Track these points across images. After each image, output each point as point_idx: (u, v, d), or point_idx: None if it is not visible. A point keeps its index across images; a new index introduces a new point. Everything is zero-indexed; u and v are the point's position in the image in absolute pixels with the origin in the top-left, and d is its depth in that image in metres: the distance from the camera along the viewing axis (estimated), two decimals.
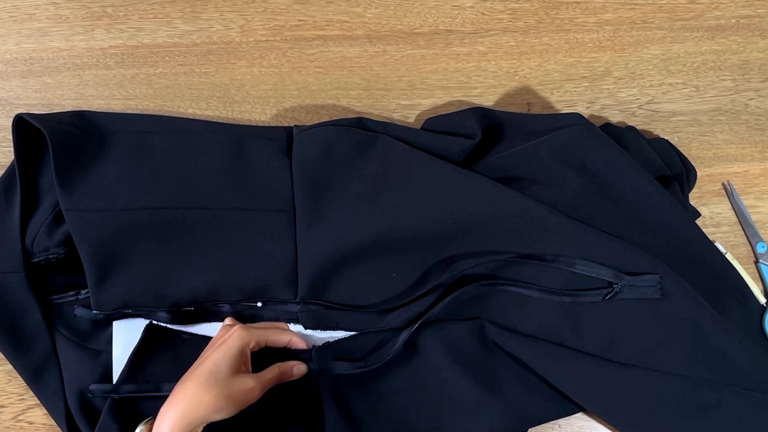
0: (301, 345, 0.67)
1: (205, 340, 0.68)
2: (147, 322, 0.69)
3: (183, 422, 0.58)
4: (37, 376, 0.68)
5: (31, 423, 0.72)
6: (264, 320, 0.70)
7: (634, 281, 0.66)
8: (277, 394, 0.65)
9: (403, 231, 0.68)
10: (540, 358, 0.68)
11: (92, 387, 0.66)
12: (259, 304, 0.69)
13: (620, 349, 0.67)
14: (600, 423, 0.72)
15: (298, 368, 0.66)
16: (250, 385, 0.61)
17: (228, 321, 0.67)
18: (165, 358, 0.68)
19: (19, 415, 0.72)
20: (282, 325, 0.70)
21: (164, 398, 0.63)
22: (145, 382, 0.66)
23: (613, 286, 0.66)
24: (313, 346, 0.68)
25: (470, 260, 0.68)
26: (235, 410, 0.60)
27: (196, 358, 0.64)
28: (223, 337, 0.63)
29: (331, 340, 0.69)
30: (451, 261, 0.69)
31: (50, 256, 0.68)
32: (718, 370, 0.67)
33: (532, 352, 0.68)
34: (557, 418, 0.71)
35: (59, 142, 0.67)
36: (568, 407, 0.70)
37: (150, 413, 0.64)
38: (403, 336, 0.67)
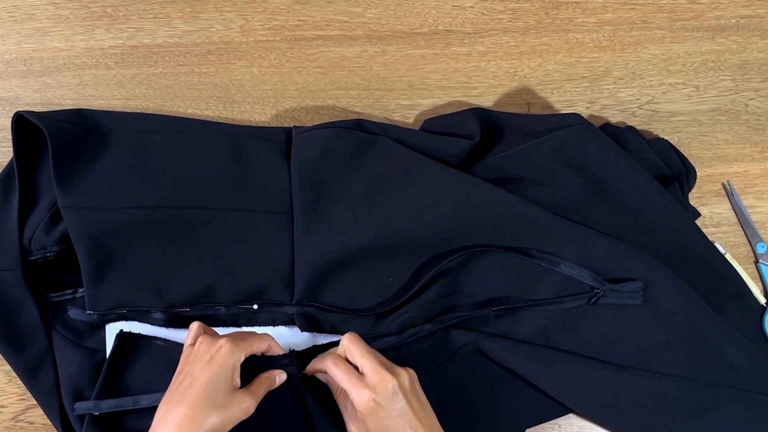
0: (278, 350, 0.65)
1: (181, 346, 0.65)
2: (141, 325, 0.68)
3: None
4: (33, 374, 0.68)
5: (30, 423, 0.72)
6: (260, 323, 0.70)
7: (617, 287, 0.66)
8: (262, 401, 0.63)
9: (401, 234, 0.68)
10: (536, 362, 0.67)
11: (76, 405, 0.65)
12: (255, 307, 0.69)
13: (618, 351, 0.67)
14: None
15: (280, 377, 0.64)
16: (246, 404, 0.59)
17: (195, 328, 0.64)
18: (141, 367, 0.66)
19: (19, 415, 0.72)
20: (255, 331, 0.68)
21: (144, 411, 0.62)
22: (123, 394, 0.65)
23: (595, 291, 0.66)
24: (292, 350, 0.66)
25: (455, 254, 0.67)
26: (230, 427, 0.59)
27: (173, 366, 0.62)
28: (210, 353, 0.60)
29: (316, 343, 0.69)
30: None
31: (48, 254, 0.68)
32: (716, 371, 0.67)
33: (527, 358, 0.67)
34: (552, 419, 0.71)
35: (58, 140, 0.67)
36: (561, 410, 0.70)
37: (131, 423, 0.64)
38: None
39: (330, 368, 0.62)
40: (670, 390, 0.66)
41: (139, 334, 0.68)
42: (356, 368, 0.61)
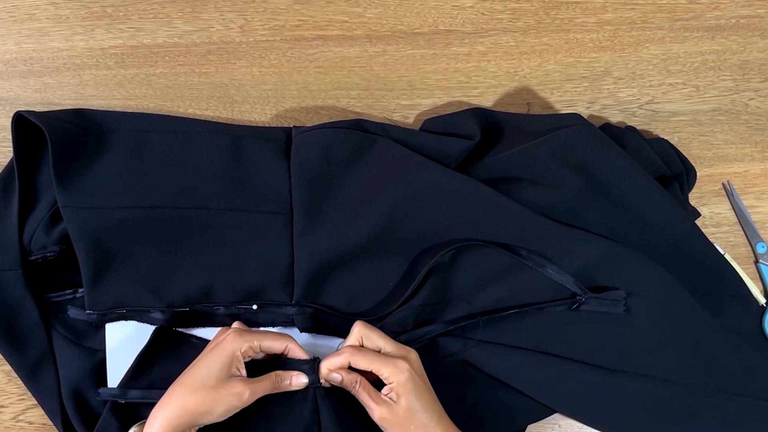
0: (299, 353, 0.64)
1: None
2: (141, 325, 0.68)
3: (170, 426, 0.58)
4: (33, 374, 0.68)
5: (31, 423, 0.72)
6: (259, 324, 0.69)
7: (599, 295, 0.66)
8: (275, 403, 0.63)
9: (399, 234, 0.68)
10: (527, 369, 0.67)
11: (101, 390, 0.66)
12: (255, 307, 0.69)
13: (611, 355, 0.67)
14: None
15: (297, 379, 0.63)
16: (238, 389, 0.59)
17: (236, 325, 0.65)
18: (171, 362, 0.67)
19: (19, 415, 0.72)
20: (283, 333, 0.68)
21: None
22: (149, 386, 0.65)
23: (577, 297, 0.66)
24: (316, 357, 0.64)
25: (447, 247, 0.67)
26: (224, 414, 0.59)
27: None
28: (217, 341, 0.62)
29: (315, 344, 0.68)
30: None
31: (47, 254, 0.68)
32: (709, 375, 0.67)
33: (517, 365, 0.67)
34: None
35: (58, 139, 0.67)
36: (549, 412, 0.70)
37: (148, 415, 0.64)
38: None
39: (353, 357, 0.62)
40: (663, 394, 0.66)
41: (176, 330, 0.68)
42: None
